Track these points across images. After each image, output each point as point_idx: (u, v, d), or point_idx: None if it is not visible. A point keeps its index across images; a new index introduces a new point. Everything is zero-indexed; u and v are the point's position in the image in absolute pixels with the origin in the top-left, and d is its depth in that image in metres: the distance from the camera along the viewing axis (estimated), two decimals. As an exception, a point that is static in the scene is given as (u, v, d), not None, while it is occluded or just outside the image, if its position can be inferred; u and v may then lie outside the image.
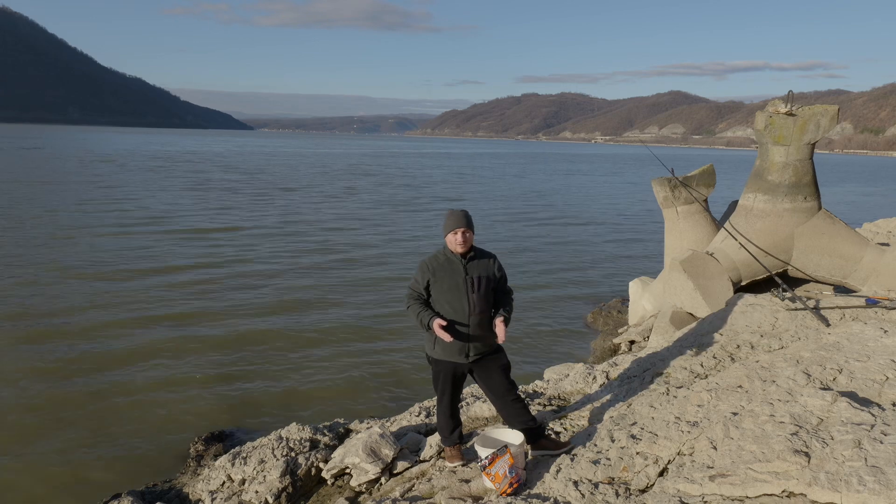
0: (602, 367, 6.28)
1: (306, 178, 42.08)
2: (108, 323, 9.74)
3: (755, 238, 7.40)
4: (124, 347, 8.73)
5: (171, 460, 5.91)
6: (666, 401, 4.22)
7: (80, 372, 7.85)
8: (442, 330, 3.67)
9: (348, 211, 25.17)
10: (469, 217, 3.85)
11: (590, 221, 24.56)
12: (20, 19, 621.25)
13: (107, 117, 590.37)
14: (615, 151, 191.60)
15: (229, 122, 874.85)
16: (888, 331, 4.68)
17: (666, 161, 10.27)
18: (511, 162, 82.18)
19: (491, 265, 3.91)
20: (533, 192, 37.29)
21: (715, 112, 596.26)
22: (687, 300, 7.34)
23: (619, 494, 3.28)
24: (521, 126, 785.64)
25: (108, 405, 7.02)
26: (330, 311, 10.89)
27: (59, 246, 15.41)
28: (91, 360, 8.26)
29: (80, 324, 9.65)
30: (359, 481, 4.47)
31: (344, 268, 14.43)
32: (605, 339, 9.36)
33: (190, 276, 12.91)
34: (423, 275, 3.84)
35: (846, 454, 2.90)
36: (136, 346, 8.78)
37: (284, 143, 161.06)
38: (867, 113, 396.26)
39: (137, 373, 7.90)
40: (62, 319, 9.82)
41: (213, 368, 8.14)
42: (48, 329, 9.37)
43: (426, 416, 5.53)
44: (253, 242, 17.16)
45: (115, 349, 8.66)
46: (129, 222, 19.57)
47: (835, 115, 7.15)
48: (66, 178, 34.08)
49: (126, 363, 8.19)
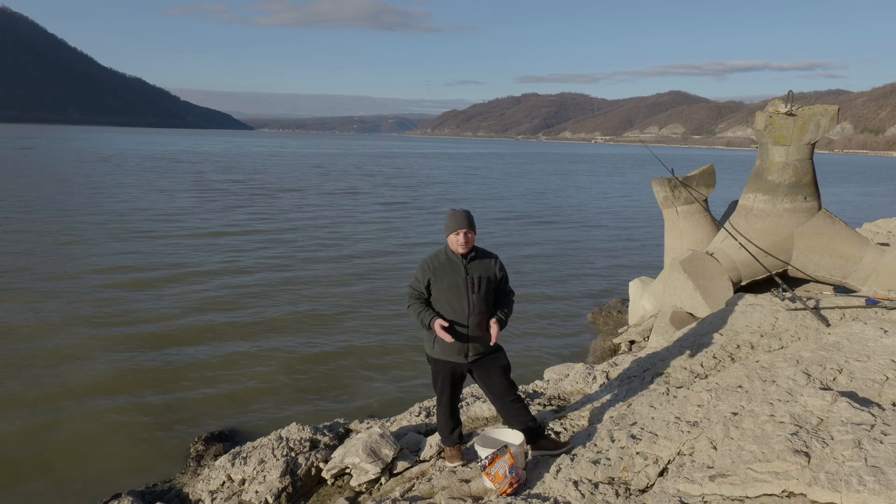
0: (602, 367, 6.28)
1: (307, 179, 42.06)
2: (108, 324, 9.74)
3: (755, 238, 7.40)
4: (124, 347, 8.73)
5: (171, 460, 5.91)
6: (666, 401, 4.22)
7: (80, 372, 7.85)
8: (443, 330, 3.67)
9: (347, 211, 25.17)
10: (471, 217, 3.85)
11: (590, 221, 24.56)
12: (20, 19, 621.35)
13: (107, 117, 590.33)
14: (615, 151, 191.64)
15: (229, 122, 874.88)
16: (888, 331, 4.68)
17: (666, 161, 10.27)
18: (511, 162, 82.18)
19: (492, 265, 3.91)
20: (533, 192, 37.29)
21: (715, 112, 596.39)
22: (687, 300, 7.34)
23: (619, 494, 3.28)
24: (521, 126, 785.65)
25: (108, 405, 7.02)
26: (330, 310, 10.89)
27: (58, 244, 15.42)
28: (91, 359, 8.26)
29: (79, 325, 9.65)
30: (359, 481, 4.47)
31: (343, 267, 14.42)
32: (605, 339, 9.36)
33: (189, 277, 12.91)
34: (424, 274, 3.85)
35: (846, 454, 2.90)
36: (135, 346, 8.77)
37: (284, 143, 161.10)
38: (867, 113, 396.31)
39: (137, 373, 7.90)
40: (59, 319, 9.82)
41: (213, 368, 8.13)
42: (47, 329, 9.37)
43: (426, 416, 5.54)
44: (254, 242, 17.17)
45: (115, 349, 8.66)
46: (124, 223, 19.58)
47: (835, 115, 7.15)
48: (52, 177, 34.11)
49: (125, 363, 8.18)
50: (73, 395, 7.22)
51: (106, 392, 7.33)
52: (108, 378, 7.72)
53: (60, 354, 8.38)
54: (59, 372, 7.83)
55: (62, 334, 9.17)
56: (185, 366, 8.19)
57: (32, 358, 8.22)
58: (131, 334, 9.29)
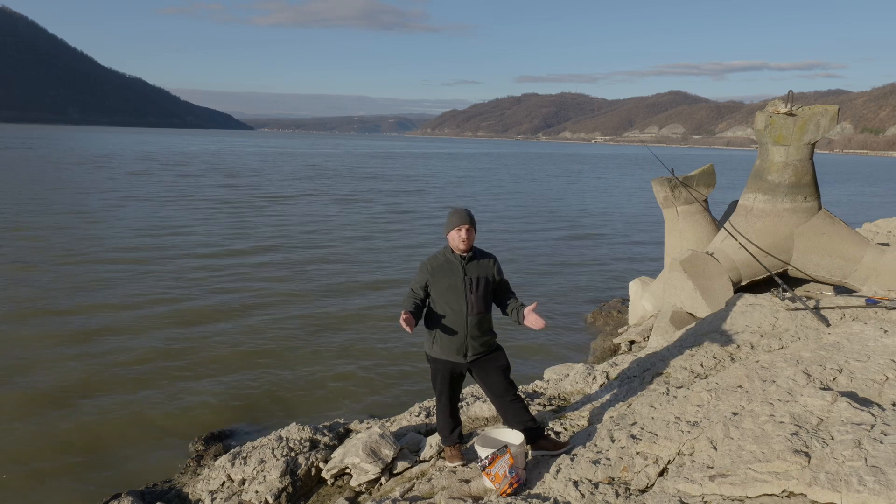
0: (602, 367, 6.28)
1: (308, 180, 42.05)
2: (107, 322, 9.75)
3: (755, 238, 7.40)
4: (123, 347, 8.73)
5: (171, 460, 5.90)
6: (666, 401, 4.22)
7: (79, 371, 7.85)
8: (405, 322, 3.59)
9: (346, 211, 25.17)
10: (472, 216, 3.88)
11: (589, 221, 24.55)
12: (20, 19, 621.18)
13: (107, 117, 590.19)
14: (615, 151, 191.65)
15: (229, 122, 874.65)
16: (888, 331, 4.68)
17: (666, 161, 10.27)
18: (511, 163, 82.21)
19: (490, 266, 3.94)
20: (532, 191, 37.29)
21: (715, 112, 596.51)
22: (687, 300, 7.34)
23: (619, 494, 3.28)
24: (521, 126, 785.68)
25: (108, 405, 7.02)
26: (329, 311, 10.89)
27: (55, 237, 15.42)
28: (90, 360, 8.26)
29: (77, 323, 9.66)
30: (359, 481, 4.47)
31: (343, 268, 14.42)
32: (605, 339, 9.36)
33: (187, 275, 12.91)
34: (422, 275, 3.88)
35: (846, 454, 2.90)
36: (134, 347, 8.78)
37: (285, 143, 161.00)
38: (867, 113, 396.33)
39: (137, 373, 7.90)
40: (57, 319, 9.82)
41: (213, 368, 8.13)
42: (46, 328, 9.37)
43: (426, 416, 5.53)
44: (252, 244, 17.17)
45: (114, 349, 8.66)
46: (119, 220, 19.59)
47: (835, 115, 7.15)
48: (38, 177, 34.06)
49: (125, 363, 8.19)
50: (72, 395, 7.22)
51: (105, 392, 7.33)
52: (107, 378, 7.72)
53: (59, 354, 8.39)
54: (59, 372, 7.83)
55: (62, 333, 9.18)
56: (184, 366, 8.18)
57: (31, 357, 8.22)
58: (131, 334, 9.29)
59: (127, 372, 7.92)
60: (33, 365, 8.00)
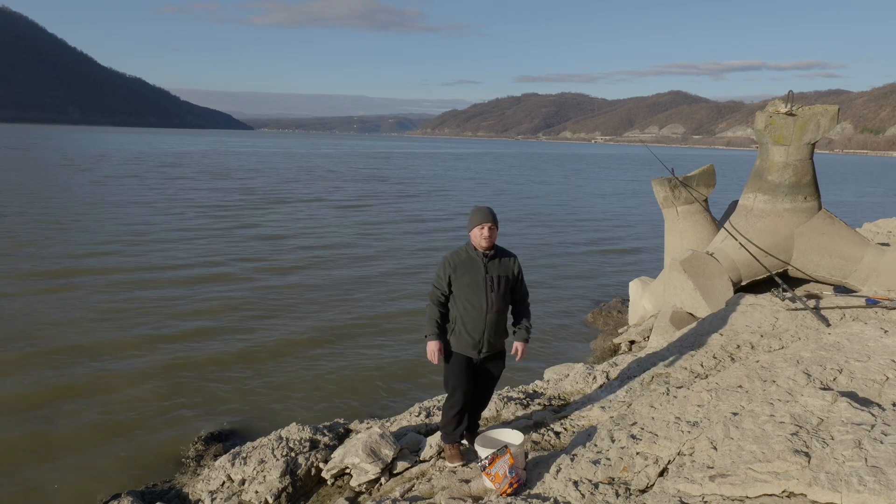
0: (602, 367, 6.28)
1: (310, 182, 42.05)
2: (106, 324, 9.75)
3: (755, 238, 7.40)
4: (123, 347, 8.73)
5: (171, 460, 5.91)
6: (666, 401, 4.22)
7: (79, 371, 7.85)
8: (434, 354, 3.91)
9: (346, 212, 25.17)
10: (494, 214, 3.98)
11: (590, 221, 24.56)
12: (20, 19, 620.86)
13: (107, 117, 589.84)
14: (615, 151, 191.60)
15: (229, 121, 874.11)
16: (888, 331, 4.68)
17: (666, 161, 10.27)
18: (511, 163, 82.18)
19: (511, 265, 4.06)
20: (533, 191, 37.29)
21: (715, 112, 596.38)
22: (687, 300, 7.34)
23: (619, 494, 3.27)
24: (521, 126, 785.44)
25: (108, 405, 7.01)
26: (330, 311, 10.89)
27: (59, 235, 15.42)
28: (90, 359, 8.26)
29: (76, 324, 9.66)
30: (359, 481, 4.47)
31: (343, 268, 14.42)
32: (605, 339, 9.35)
33: (186, 276, 12.91)
34: (445, 270, 3.95)
35: (846, 454, 2.90)
36: (134, 347, 8.77)
37: (285, 143, 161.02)
38: (867, 113, 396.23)
39: (137, 373, 7.90)
40: (55, 318, 9.82)
41: (213, 369, 8.13)
42: (44, 328, 9.37)
43: (426, 416, 5.53)
44: (252, 243, 17.17)
45: (114, 349, 8.66)
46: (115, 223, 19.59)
47: (835, 114, 7.15)
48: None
49: (125, 363, 8.19)
50: (71, 395, 7.22)
51: (105, 392, 7.33)
52: (106, 378, 7.71)
53: (61, 354, 8.39)
54: (58, 373, 7.83)
55: (62, 334, 9.18)
56: (184, 366, 8.18)
57: (31, 357, 8.22)
58: (130, 334, 9.29)
59: (126, 372, 7.91)
60: (33, 365, 8.00)
